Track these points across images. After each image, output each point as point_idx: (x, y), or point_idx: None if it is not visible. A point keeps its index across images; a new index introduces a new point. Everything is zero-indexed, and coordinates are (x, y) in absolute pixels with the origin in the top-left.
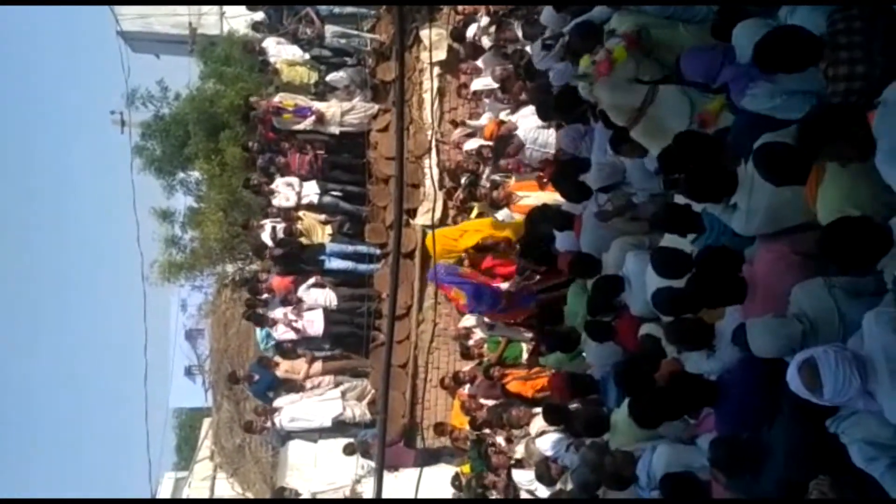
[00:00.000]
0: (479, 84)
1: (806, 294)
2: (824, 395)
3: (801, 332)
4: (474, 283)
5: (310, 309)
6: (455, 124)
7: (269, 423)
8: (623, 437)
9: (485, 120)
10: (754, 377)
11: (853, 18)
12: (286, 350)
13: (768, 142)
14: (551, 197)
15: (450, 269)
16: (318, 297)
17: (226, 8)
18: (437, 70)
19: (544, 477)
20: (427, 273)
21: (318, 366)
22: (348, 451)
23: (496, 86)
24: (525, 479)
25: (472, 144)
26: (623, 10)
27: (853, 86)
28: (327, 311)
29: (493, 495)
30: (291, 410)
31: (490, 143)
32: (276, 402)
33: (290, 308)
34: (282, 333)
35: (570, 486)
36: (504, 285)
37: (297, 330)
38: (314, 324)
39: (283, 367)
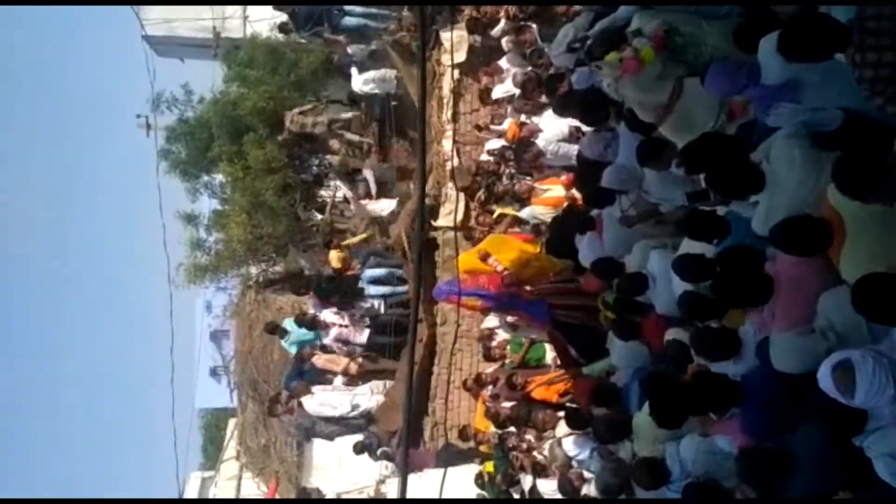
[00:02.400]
0: (499, 91)
1: (834, 304)
2: (855, 399)
3: (827, 350)
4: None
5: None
6: (479, 128)
7: (294, 405)
8: (646, 440)
9: (507, 124)
10: (780, 377)
11: (883, 9)
12: (328, 349)
13: (786, 219)
14: (575, 194)
15: (451, 283)
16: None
17: (249, 11)
18: (456, 72)
19: (566, 489)
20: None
21: (353, 367)
22: (357, 449)
23: (517, 92)
24: (549, 489)
25: (494, 144)
26: (645, 9)
27: (881, 73)
28: (374, 323)
29: (520, 477)
30: (321, 396)
31: (511, 146)
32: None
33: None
34: (331, 338)
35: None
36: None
37: (345, 342)
38: (362, 334)
39: (323, 358)
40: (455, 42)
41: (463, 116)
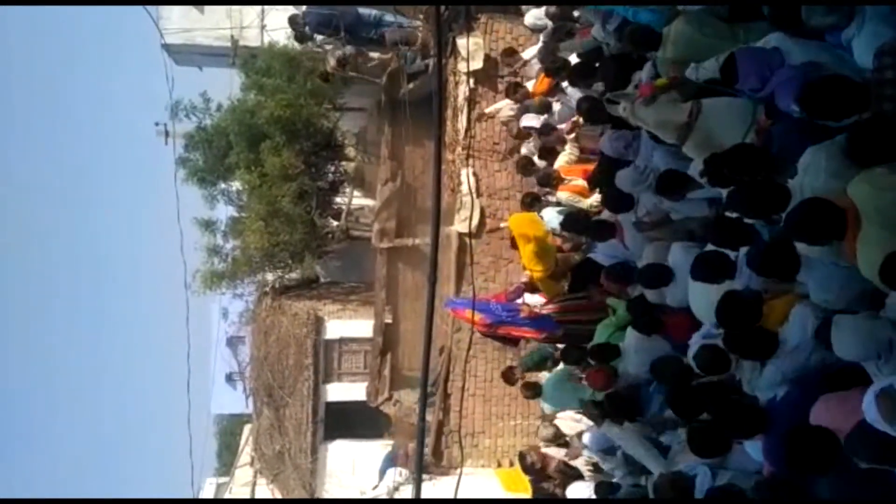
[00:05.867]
0: (530, 53)
1: None
2: None
3: (889, 340)
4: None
5: None
6: (495, 151)
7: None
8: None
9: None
10: (805, 406)
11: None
12: None
13: (801, 202)
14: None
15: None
16: None
17: (266, 20)
18: (472, 80)
19: None
20: (444, 303)
21: None
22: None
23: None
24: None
25: (528, 122)
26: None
27: None
28: None
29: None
30: None
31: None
32: None
33: None
34: None
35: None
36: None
37: None
38: None
39: None
40: (471, 50)
41: (478, 125)
